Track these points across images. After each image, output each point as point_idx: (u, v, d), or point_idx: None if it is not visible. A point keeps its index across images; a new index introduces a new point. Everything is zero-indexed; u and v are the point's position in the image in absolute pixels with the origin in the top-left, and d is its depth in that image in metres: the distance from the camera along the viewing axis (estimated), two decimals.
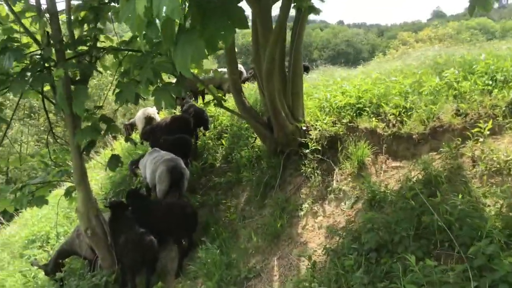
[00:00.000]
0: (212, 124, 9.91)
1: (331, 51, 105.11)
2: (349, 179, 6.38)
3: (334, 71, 11.24)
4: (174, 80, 8.35)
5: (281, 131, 6.76)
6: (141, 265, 6.08)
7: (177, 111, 11.50)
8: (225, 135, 9.01)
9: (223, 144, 8.87)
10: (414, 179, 5.54)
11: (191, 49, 2.80)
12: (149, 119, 11.72)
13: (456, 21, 68.64)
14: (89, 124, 5.70)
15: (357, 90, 7.41)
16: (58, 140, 6.83)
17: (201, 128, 9.75)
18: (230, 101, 9.33)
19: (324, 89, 8.09)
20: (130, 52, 5.95)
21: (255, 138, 7.99)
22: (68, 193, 6.38)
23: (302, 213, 6.23)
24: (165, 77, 6.01)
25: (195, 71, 6.37)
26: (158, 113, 13.01)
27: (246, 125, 8.62)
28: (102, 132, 5.92)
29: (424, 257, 4.30)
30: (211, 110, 10.40)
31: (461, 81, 6.63)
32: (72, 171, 6.30)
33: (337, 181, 6.43)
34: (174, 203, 6.94)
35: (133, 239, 6.12)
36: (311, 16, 7.11)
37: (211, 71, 6.86)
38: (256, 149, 7.76)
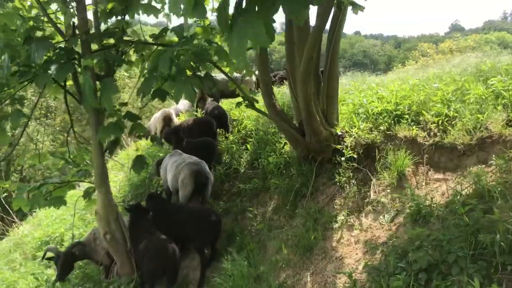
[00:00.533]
0: (236, 128, 9.53)
1: (347, 61, 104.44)
2: (388, 190, 5.93)
3: (365, 76, 10.79)
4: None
5: (315, 136, 6.33)
6: (162, 274, 5.66)
7: (199, 114, 11.15)
8: (250, 139, 8.60)
9: (247, 149, 8.46)
10: (463, 192, 5.08)
11: (250, 32, 2.40)
12: (168, 120, 11.43)
13: (476, 34, 67.90)
14: (113, 121, 5.34)
15: (394, 96, 6.96)
16: (78, 138, 6.47)
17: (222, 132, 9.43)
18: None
19: (358, 94, 7.65)
20: (159, 47, 5.60)
21: (284, 143, 7.58)
22: (87, 194, 6.00)
23: (336, 225, 5.78)
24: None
25: (227, 69, 5.98)
26: (177, 116, 12.70)
27: (273, 129, 8.23)
28: (127, 131, 5.57)
29: (484, 281, 3.86)
30: (235, 113, 10.02)
31: (511, 90, 6.14)
32: (92, 171, 5.95)
33: (375, 192, 5.98)
34: (198, 209, 6.55)
35: (155, 246, 5.71)
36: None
37: (243, 72, 6.47)
38: (285, 155, 7.34)
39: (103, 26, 5.84)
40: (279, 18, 6.86)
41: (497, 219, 4.18)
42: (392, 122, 6.67)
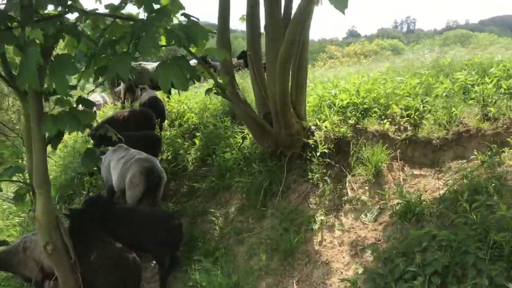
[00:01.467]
0: (177, 122, 8.69)
1: None
2: (366, 187, 5.56)
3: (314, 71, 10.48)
4: None
5: (286, 129, 5.78)
6: None
7: (127, 106, 10.12)
8: (197, 134, 7.81)
9: (195, 144, 7.67)
10: (453, 188, 4.82)
11: None
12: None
13: (371, 40, 71.86)
14: (65, 109, 4.34)
15: (360, 89, 6.63)
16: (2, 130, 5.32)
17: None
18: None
19: (319, 86, 7.25)
20: (116, 20, 4.67)
21: (243, 138, 6.92)
22: (19, 197, 4.88)
23: (316, 226, 5.28)
24: None
25: (193, 49, 5.19)
26: (99, 109, 11.51)
27: (225, 123, 7.53)
28: None
29: (508, 284, 3.57)
30: (172, 105, 9.19)
31: (479, 84, 6.08)
32: (25, 168, 4.87)
33: (352, 189, 5.58)
34: (155, 212, 5.65)
35: (112, 257, 4.76)
36: (233, 25, 6.32)
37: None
38: (245, 151, 6.69)
39: None
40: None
41: (508, 216, 3.93)
42: (360, 115, 6.35)
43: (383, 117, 6.20)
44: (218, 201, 6.45)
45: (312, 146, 6.01)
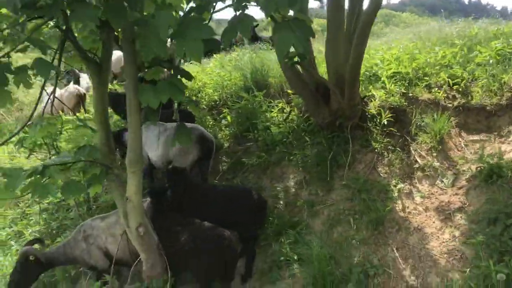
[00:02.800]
0: (194, 97, 8.31)
1: None
2: (434, 154, 5.61)
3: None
4: None
5: (351, 100, 5.68)
6: (222, 271, 4.43)
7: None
8: (224, 110, 7.49)
9: (224, 119, 7.37)
10: None
11: None
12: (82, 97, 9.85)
13: None
14: (160, 78, 3.99)
15: (405, 58, 6.67)
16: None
17: None
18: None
19: None
20: None
21: (290, 111, 6.73)
22: (96, 179, 4.36)
23: (395, 194, 5.27)
24: None
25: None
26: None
27: (258, 98, 7.26)
28: None
29: None
30: (185, 81, 8.75)
31: None
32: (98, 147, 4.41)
33: (421, 156, 5.61)
34: (236, 188, 5.42)
35: (208, 236, 4.45)
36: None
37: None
38: (290, 123, 6.54)
39: None
40: None
41: None
42: (407, 85, 6.39)
43: (432, 85, 6.28)
44: (270, 176, 6.26)
45: (369, 116, 5.99)
